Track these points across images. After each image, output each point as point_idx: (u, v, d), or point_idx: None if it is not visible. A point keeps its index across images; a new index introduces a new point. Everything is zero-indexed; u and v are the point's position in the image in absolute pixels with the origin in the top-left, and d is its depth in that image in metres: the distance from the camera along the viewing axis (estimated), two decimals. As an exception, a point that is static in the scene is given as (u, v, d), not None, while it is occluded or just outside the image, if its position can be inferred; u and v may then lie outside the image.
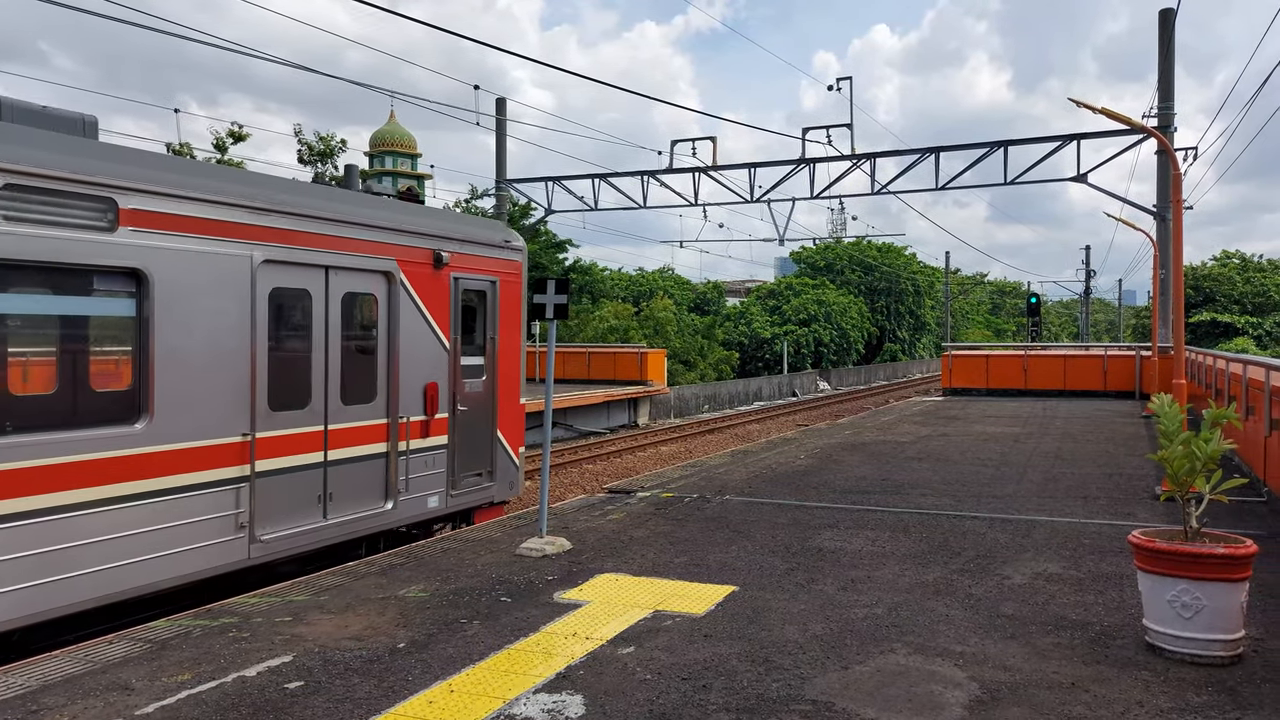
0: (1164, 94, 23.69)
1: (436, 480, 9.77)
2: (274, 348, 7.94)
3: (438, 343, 9.82)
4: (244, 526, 7.62)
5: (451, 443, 10.01)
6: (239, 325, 7.59)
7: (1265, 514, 9.49)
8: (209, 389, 7.35)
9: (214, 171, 8.29)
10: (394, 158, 73.74)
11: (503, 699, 4.74)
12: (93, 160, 6.60)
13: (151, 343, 6.91)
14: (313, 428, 8.29)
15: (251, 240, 7.69)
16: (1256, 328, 55.74)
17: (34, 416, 6.24)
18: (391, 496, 9.12)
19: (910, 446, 15.36)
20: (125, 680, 5.01)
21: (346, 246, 8.63)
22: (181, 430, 7.13)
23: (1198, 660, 5.16)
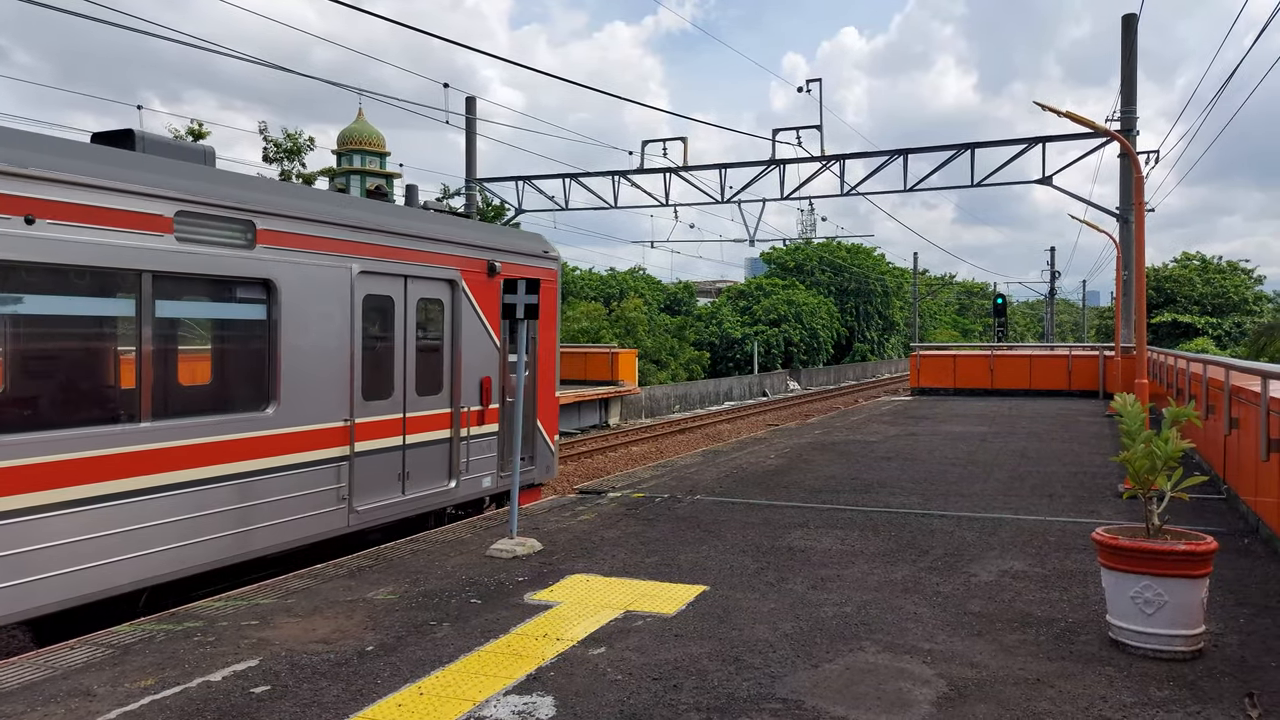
0: (1126, 98, 24.07)
1: (489, 463, 11.12)
2: (366, 346, 9.24)
3: (491, 342, 11.18)
4: (344, 499, 8.90)
5: (501, 430, 11.30)
6: (342, 326, 8.93)
7: (1225, 511, 9.68)
8: (320, 380, 8.67)
9: (323, 196, 9.46)
10: (362, 156, 73.12)
11: (473, 701, 4.72)
12: (238, 189, 7.95)
13: (279, 341, 8.23)
14: (394, 415, 9.61)
15: (351, 255, 9.04)
16: (1216, 328, 56.83)
17: (197, 403, 7.74)
18: (454, 476, 10.47)
19: (879, 446, 15.49)
20: (87, 686, 4.93)
21: (421, 259, 9.99)
22: (300, 415, 8.44)
23: (1160, 655, 5.25)
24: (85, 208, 6.67)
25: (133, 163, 7.18)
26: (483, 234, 11.32)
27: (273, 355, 8.16)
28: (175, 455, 7.26)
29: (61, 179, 6.51)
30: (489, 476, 11.06)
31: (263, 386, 8.15)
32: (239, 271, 7.84)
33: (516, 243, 12.05)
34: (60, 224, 6.50)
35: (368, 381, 9.21)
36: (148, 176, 7.17)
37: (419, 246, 9.95)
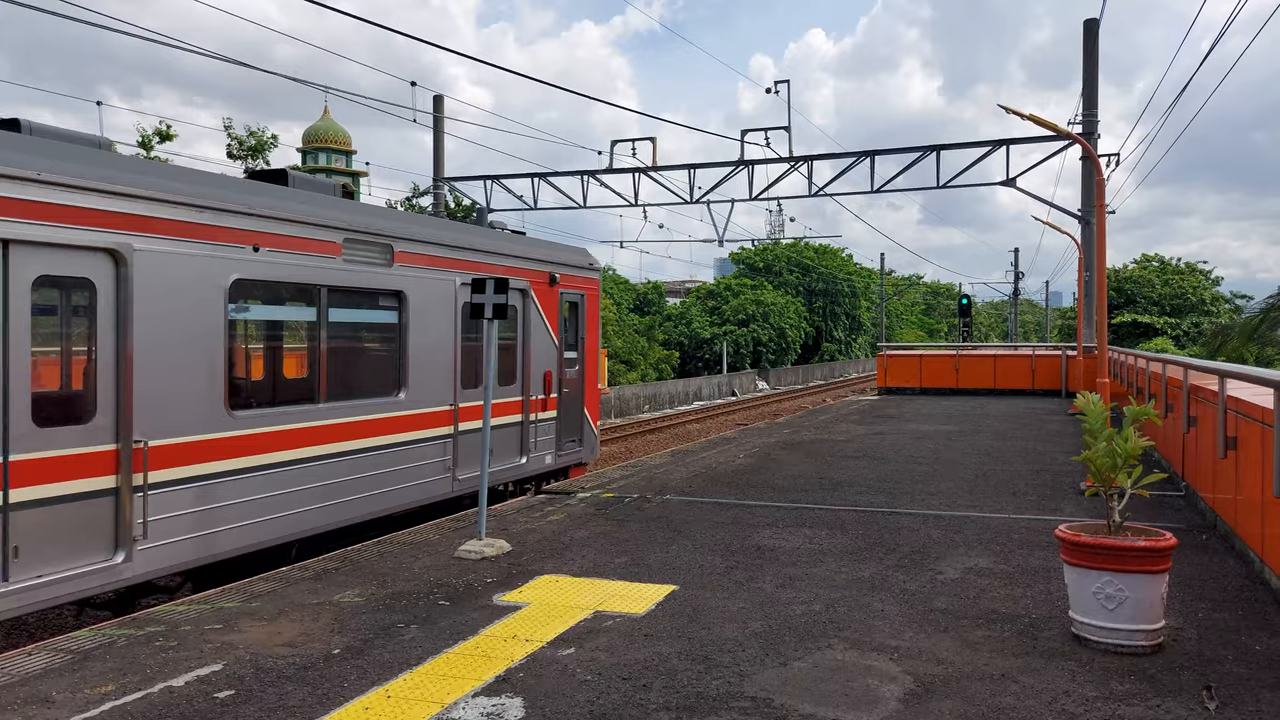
0: (1088, 101, 24.45)
1: (550, 443, 13.30)
2: (464, 344, 11.34)
3: (551, 341, 13.29)
4: (449, 469, 11.03)
5: (559, 416, 13.48)
6: (448, 328, 11.08)
7: (1184, 508, 9.87)
8: (434, 372, 10.81)
9: (436, 223, 11.84)
10: (328, 154, 72.37)
11: (441, 704, 4.68)
12: (380, 220, 10.17)
13: (407, 340, 10.36)
14: (475, 402, 11.45)
15: (454, 269, 11.12)
16: (1175, 328, 57.87)
17: (359, 389, 9.84)
18: (525, 453, 12.68)
19: (847, 445, 15.60)
20: (45, 693, 4.83)
21: (504, 271, 11.96)
22: (422, 400, 10.56)
23: (1121, 650, 5.34)
24: (290, 238, 8.73)
25: (310, 200, 9.22)
26: (545, 250, 13.54)
27: (403, 351, 10.35)
28: (341, 430, 9.34)
29: (275, 216, 8.59)
30: (549, 455, 13.31)
31: (396, 376, 10.32)
32: (381, 285, 9.95)
33: (570, 257, 14.18)
34: (274, 250, 8.57)
35: (465, 373, 11.38)
36: (327, 213, 9.26)
37: (503, 262, 12.13)
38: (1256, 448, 6.90)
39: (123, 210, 7.16)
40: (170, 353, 7.59)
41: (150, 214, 7.40)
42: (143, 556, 7.28)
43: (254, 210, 8.33)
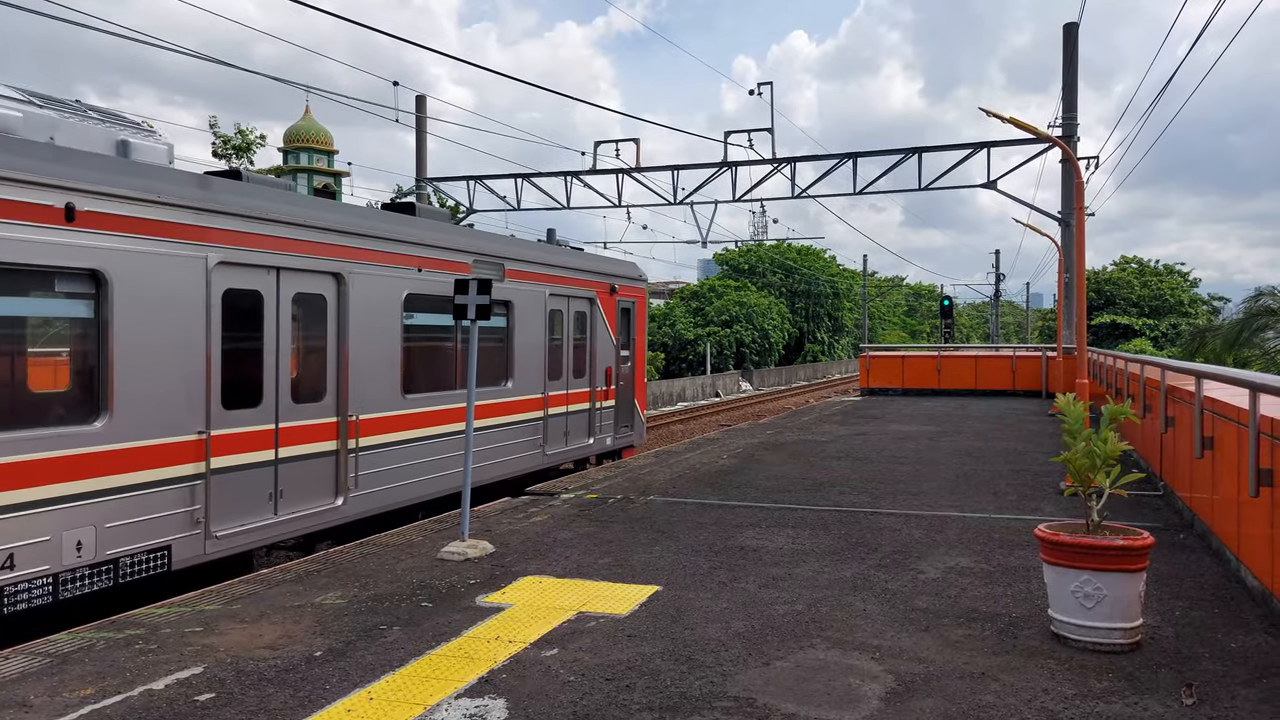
0: (1068, 105, 24.67)
1: (610, 427, 15.95)
2: (550, 343, 13.90)
3: (611, 341, 15.89)
4: (540, 446, 13.67)
5: (616, 404, 16.15)
6: (541, 330, 13.62)
7: (1161, 507, 9.97)
8: (531, 366, 13.37)
9: (531, 245, 14.40)
10: (310, 154, 71.98)
11: (424, 705, 4.68)
12: (497, 243, 13.13)
13: (513, 339, 13.00)
14: (561, 391, 14.23)
15: (545, 282, 13.84)
16: (1153, 329, 58.45)
17: (482, 380, 12.01)
18: (593, 435, 15.31)
19: (830, 445, 15.67)
20: (23, 697, 4.78)
21: (579, 284, 14.82)
22: (523, 389, 13.23)
23: (1099, 648, 5.40)
24: (442, 261, 11.43)
25: (445, 229, 11.87)
26: (606, 264, 16.24)
27: (510, 349, 12.99)
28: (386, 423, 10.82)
29: (433, 244, 11.32)
30: (609, 437, 15.97)
31: (505, 369, 12.95)
32: (498, 296, 11.56)
33: (624, 269, 16.90)
34: (431, 271, 11.21)
35: (551, 368, 13.94)
36: (463, 240, 12.07)
37: (578, 276, 14.82)
38: (1232, 448, 6.98)
39: (343, 244, 9.83)
40: (371, 349, 10.20)
41: (359, 246, 10.08)
42: (354, 502, 9.89)
43: (421, 241, 11.12)
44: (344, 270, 9.74)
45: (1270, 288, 26.29)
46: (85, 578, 7.16)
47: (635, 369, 16.87)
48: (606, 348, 15.70)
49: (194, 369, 8.09)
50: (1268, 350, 24.28)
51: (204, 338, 8.20)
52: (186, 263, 8.00)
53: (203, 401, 8.17)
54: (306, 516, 9.24)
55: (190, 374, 8.05)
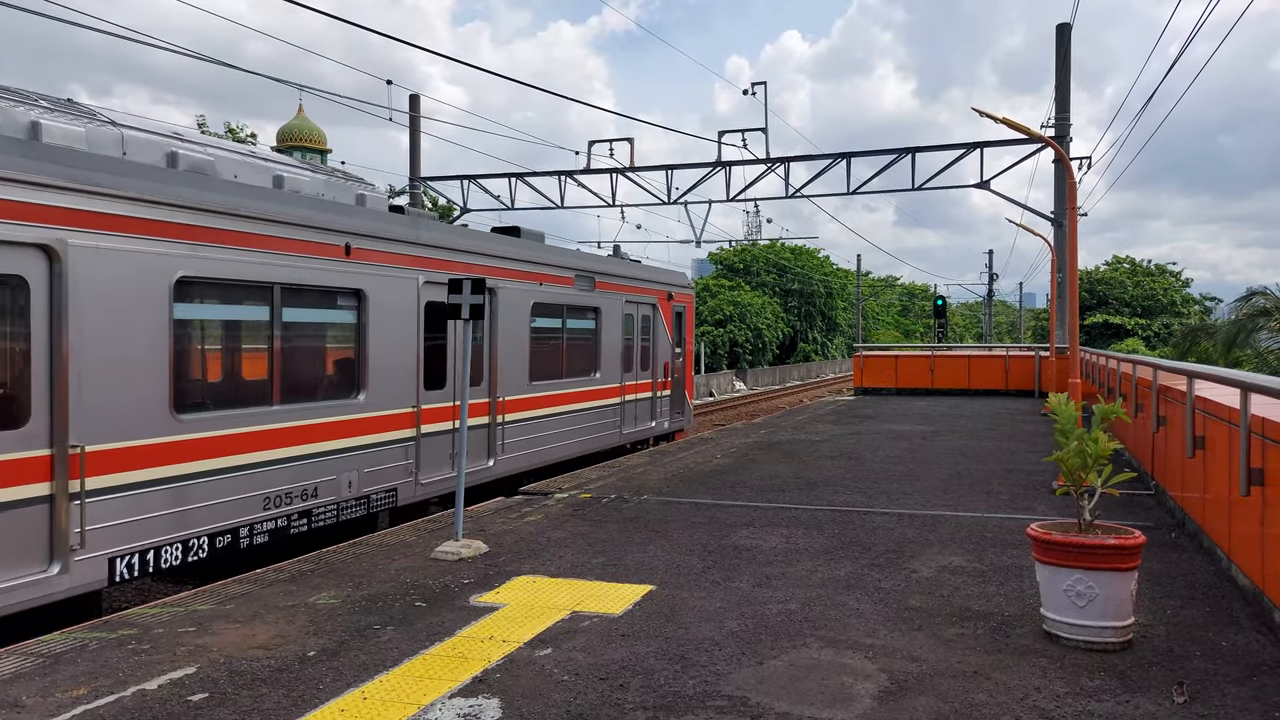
0: (1060, 105, 24.72)
1: (666, 413, 18.69)
2: (624, 340, 16.55)
3: (668, 340, 18.68)
4: (618, 427, 16.29)
5: (671, 394, 18.83)
6: (619, 329, 16.26)
7: (1153, 506, 10.01)
8: (610, 359, 15.95)
9: (613, 261, 16.87)
10: (303, 153, 71.81)
11: (417, 705, 4.68)
12: (586, 261, 15.43)
13: (600, 338, 15.51)
14: (633, 381, 16.86)
15: (623, 291, 16.47)
16: (1145, 329, 58.66)
17: (578, 371, 14.72)
18: (654, 419, 18.05)
19: (824, 445, 15.69)
20: (15, 697, 4.77)
21: (645, 292, 17.57)
22: (605, 379, 15.80)
23: (1091, 647, 5.42)
24: (552, 276, 13.98)
25: (557, 250, 14.83)
26: (664, 275, 19.13)
27: (597, 346, 15.59)
28: (573, 396, 14.62)
29: (547, 263, 13.92)
30: (666, 421, 18.72)
31: (592, 362, 15.46)
32: (591, 303, 15.24)
33: (677, 279, 19.76)
34: (547, 284, 13.82)
35: (625, 362, 16.53)
36: (568, 258, 14.97)
37: (643, 285, 17.56)
38: (1224, 447, 7.02)
39: (496, 266, 12.46)
40: (510, 346, 12.79)
41: (505, 267, 12.77)
42: (501, 464, 12.52)
43: (541, 260, 13.82)
44: (495, 286, 12.38)
45: (1261, 288, 26.42)
46: (351, 507, 9.87)
47: (685, 364, 19.96)
48: (664, 345, 18.63)
49: (410, 360, 10.78)
50: (1259, 350, 24.38)
51: (415, 337, 10.87)
52: (407, 283, 10.78)
53: (414, 383, 10.83)
54: (473, 473, 11.84)
55: (408, 363, 10.76)
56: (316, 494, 9.35)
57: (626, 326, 16.70)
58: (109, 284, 7.21)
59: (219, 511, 8.19)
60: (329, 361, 9.98)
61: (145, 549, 7.55)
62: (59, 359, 6.87)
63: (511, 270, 12.93)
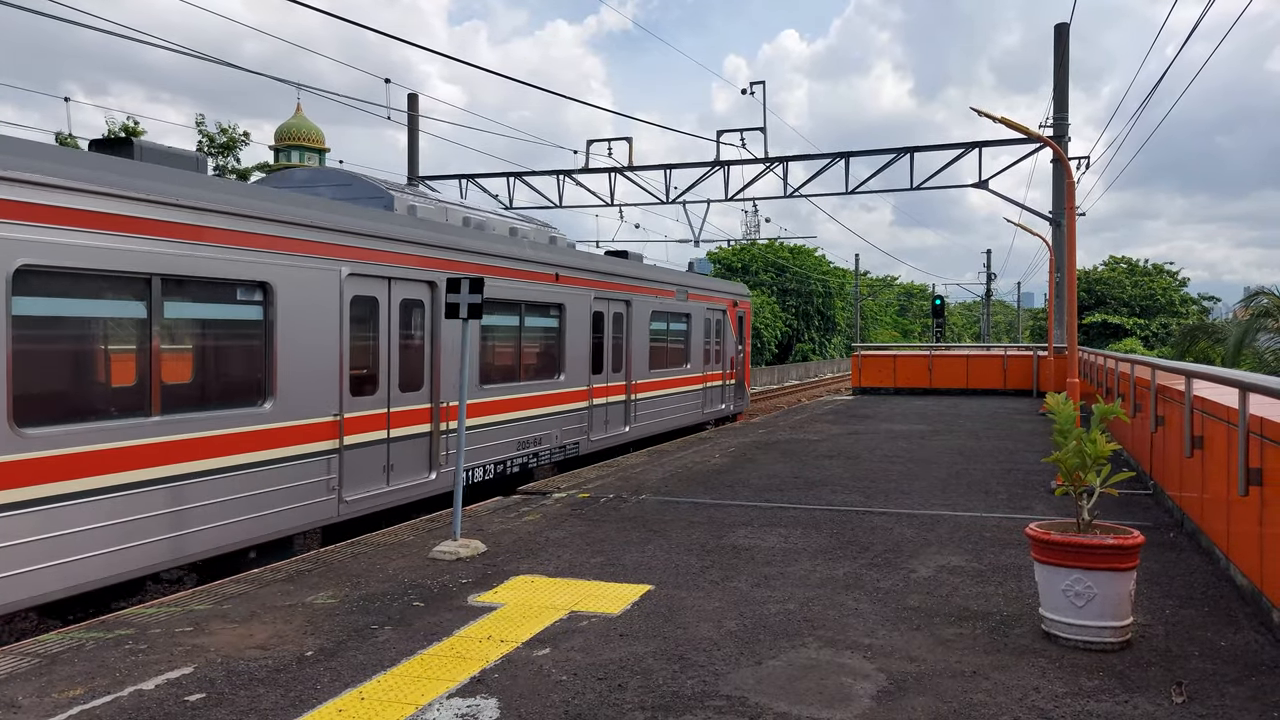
0: (1059, 105, 24.72)
1: (732, 398, 22.64)
2: (704, 339, 20.14)
3: (734, 339, 22.55)
4: (701, 407, 19.88)
5: (736, 383, 22.76)
6: (701, 330, 19.92)
7: (1151, 506, 10.01)
8: (697, 354, 19.54)
9: (695, 276, 20.93)
10: (301, 152, 71.77)
11: (415, 705, 4.67)
12: (684, 277, 19.64)
13: (690, 339, 19.50)
14: (711, 371, 20.70)
15: (704, 301, 20.06)
16: (1144, 329, 58.69)
17: (671, 364, 18.51)
18: (724, 402, 21.92)
19: (822, 444, 15.69)
20: (11, 697, 4.76)
21: (718, 300, 21.28)
22: (694, 369, 19.68)
23: (1090, 646, 5.41)
24: (665, 290, 18.01)
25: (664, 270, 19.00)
26: (730, 286, 23.24)
27: (688, 344, 19.36)
28: (666, 384, 17.91)
29: (661, 280, 18.08)
30: (731, 405, 22.53)
31: (685, 356, 19.17)
32: (685, 310, 19.08)
33: (739, 289, 24.10)
34: (660, 297, 17.74)
35: (705, 355, 20.40)
36: (671, 275, 18.95)
37: (715, 295, 21.43)
38: (1222, 447, 7.01)
39: (633, 285, 16.53)
40: (638, 342, 16.97)
41: (639, 285, 16.58)
42: (634, 429, 16.79)
43: (661, 279, 18.27)
44: (631, 299, 16.65)
45: (1259, 288, 26.45)
46: (557, 451, 14.07)
47: (745, 358, 23.95)
48: (731, 343, 22.54)
49: (586, 350, 14.95)
50: (1258, 350, 24.42)
51: (589, 335, 15.10)
52: (587, 299, 14.99)
53: (588, 365, 14.96)
54: (616, 436, 16.13)
55: (583, 352, 14.84)
56: None
57: (706, 329, 20.69)
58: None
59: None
60: (538, 351, 13.84)
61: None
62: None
63: (642, 287, 17.23)
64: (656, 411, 17.92)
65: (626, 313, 16.53)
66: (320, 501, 9.26)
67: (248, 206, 8.36)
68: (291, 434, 8.95)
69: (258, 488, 8.44)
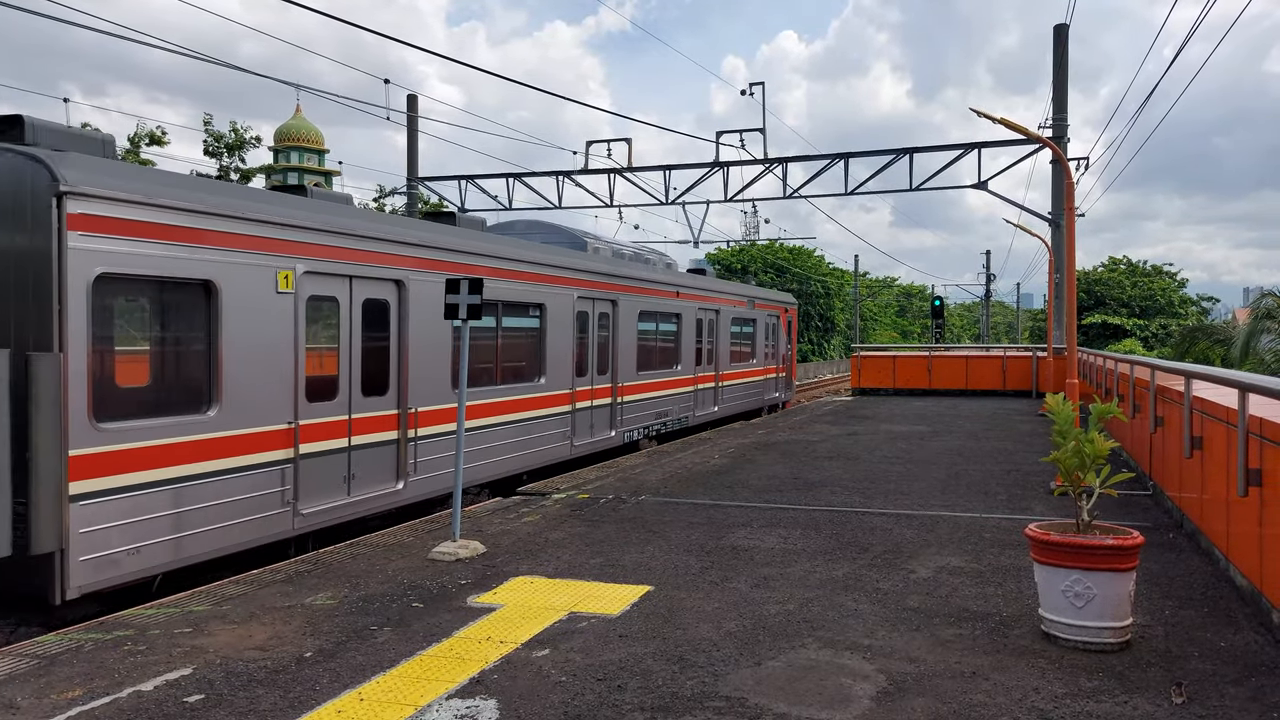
0: (1058, 106, 24.72)
1: (783, 388, 26.36)
2: (764, 339, 24.38)
3: (784, 340, 26.37)
4: (760, 395, 24.17)
5: (785, 376, 26.50)
6: (764, 332, 24.39)
7: (1151, 506, 10.01)
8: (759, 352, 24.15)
9: (762, 290, 25.58)
10: (300, 153, 71.75)
11: (414, 706, 4.66)
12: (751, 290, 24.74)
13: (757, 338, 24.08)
14: (767, 366, 24.83)
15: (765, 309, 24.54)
16: (1143, 329, 58.66)
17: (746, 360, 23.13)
18: (777, 391, 25.75)
19: (821, 445, 15.69)
20: (10, 698, 4.75)
21: (773, 308, 25.36)
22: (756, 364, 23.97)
23: (1089, 647, 5.41)
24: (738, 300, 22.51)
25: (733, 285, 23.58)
26: (782, 296, 27.08)
27: (755, 343, 23.44)
28: (736, 375, 22.08)
29: (736, 294, 22.77)
30: (782, 394, 26.23)
31: (752, 354, 23.28)
32: (751, 316, 23.18)
33: (786, 297, 27.61)
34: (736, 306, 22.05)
35: (765, 353, 24.31)
36: (743, 290, 23.80)
37: (773, 303, 25.34)
38: (1221, 447, 7.01)
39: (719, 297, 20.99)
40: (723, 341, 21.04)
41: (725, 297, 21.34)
42: (721, 409, 20.75)
43: (734, 292, 22.19)
44: (719, 308, 20.81)
45: (1262, 289, 26.50)
46: (675, 424, 18.03)
47: (792, 356, 28.01)
48: (783, 343, 26.44)
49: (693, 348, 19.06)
50: (1258, 350, 24.44)
51: (694, 337, 19.24)
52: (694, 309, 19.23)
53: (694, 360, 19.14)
54: (707, 415, 20.05)
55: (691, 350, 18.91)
56: None
57: (766, 331, 24.80)
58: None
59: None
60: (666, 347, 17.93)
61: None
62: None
63: (724, 299, 21.51)
64: (733, 397, 22.00)
65: (716, 319, 20.91)
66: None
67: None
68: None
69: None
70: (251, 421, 8.13)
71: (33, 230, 6.60)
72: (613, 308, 15.48)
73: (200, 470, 7.66)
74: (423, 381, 10.40)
